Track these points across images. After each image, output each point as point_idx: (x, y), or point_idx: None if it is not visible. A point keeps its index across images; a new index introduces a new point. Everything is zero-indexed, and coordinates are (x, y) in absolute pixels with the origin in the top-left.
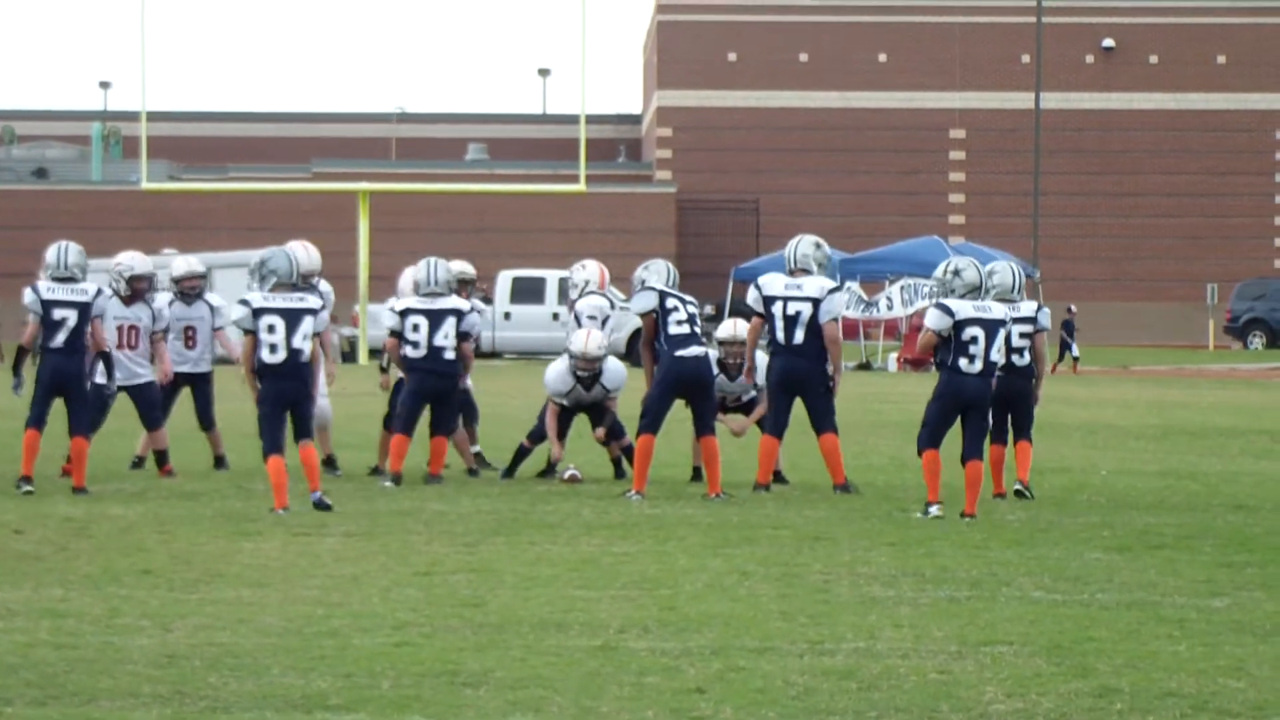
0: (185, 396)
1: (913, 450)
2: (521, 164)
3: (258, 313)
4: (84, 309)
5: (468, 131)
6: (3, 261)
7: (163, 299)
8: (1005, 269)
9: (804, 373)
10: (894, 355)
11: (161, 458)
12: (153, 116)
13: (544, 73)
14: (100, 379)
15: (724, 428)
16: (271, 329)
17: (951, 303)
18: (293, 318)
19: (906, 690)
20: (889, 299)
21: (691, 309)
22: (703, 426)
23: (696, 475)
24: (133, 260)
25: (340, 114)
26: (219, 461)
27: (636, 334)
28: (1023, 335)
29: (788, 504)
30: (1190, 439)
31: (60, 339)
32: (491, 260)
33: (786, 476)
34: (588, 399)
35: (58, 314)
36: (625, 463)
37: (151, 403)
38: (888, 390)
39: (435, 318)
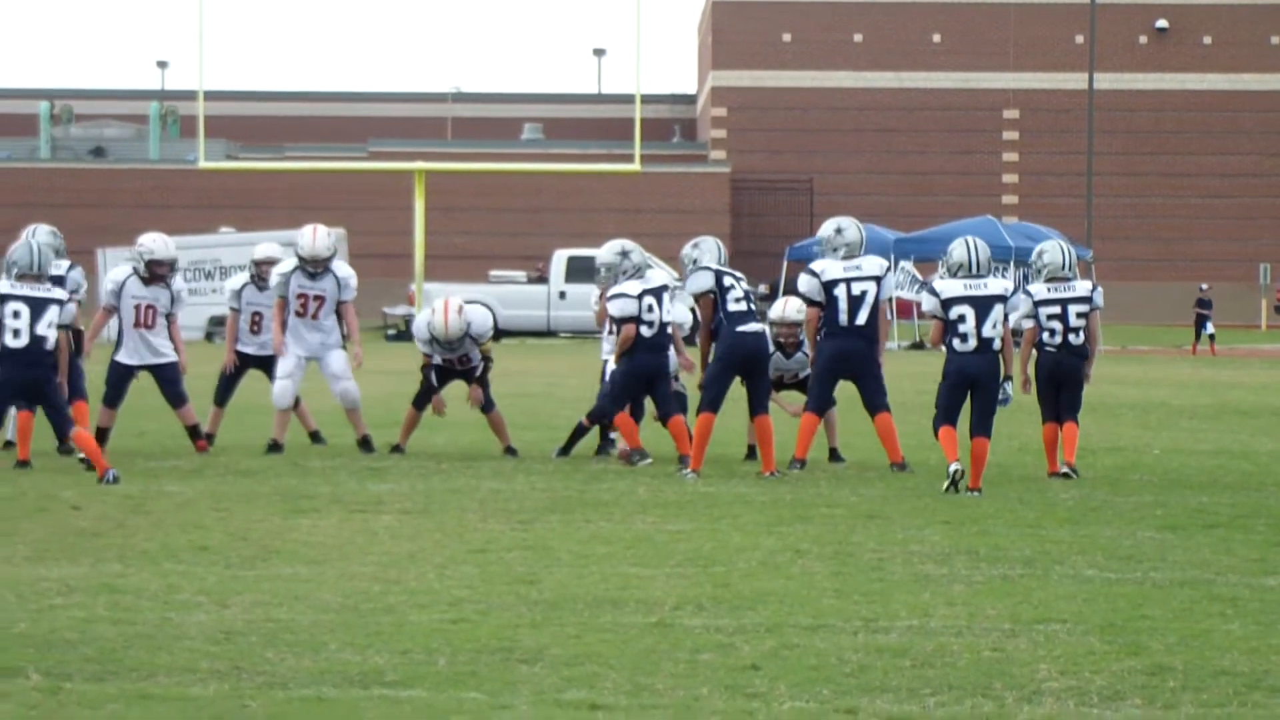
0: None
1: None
2: (576, 144)
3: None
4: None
5: (523, 111)
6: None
7: (238, 280)
8: (1054, 248)
9: (862, 354)
10: None
11: (194, 432)
12: (210, 96)
13: (599, 53)
14: None
15: (777, 407)
16: (17, 314)
17: (939, 283)
18: (38, 306)
19: (960, 668)
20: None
21: (745, 285)
22: (757, 405)
23: (751, 454)
24: (153, 244)
25: (396, 94)
26: (314, 437)
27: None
28: (1079, 315)
29: (842, 482)
30: (1243, 418)
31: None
32: (546, 240)
33: (842, 455)
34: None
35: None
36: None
37: (171, 380)
38: (939, 370)
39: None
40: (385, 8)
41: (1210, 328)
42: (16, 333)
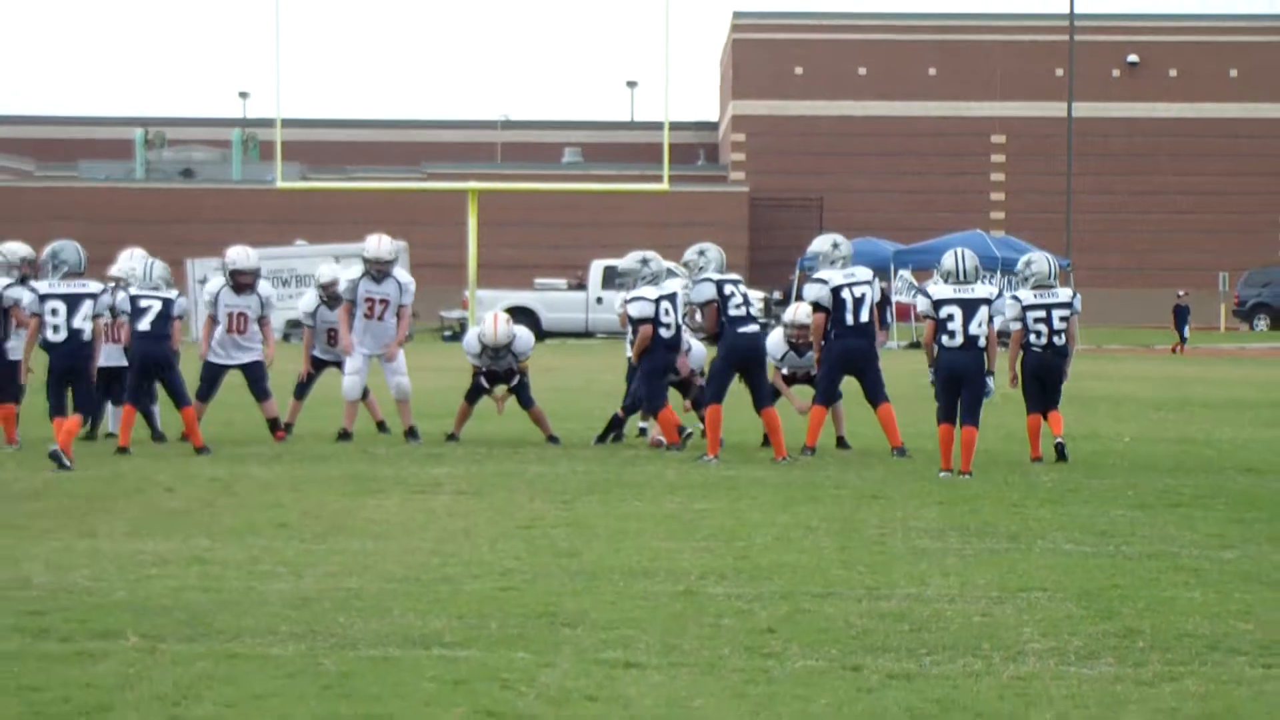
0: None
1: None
2: (611, 165)
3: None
4: (166, 303)
5: (564, 137)
6: (152, 251)
7: (310, 300)
8: (1041, 259)
9: (865, 351)
10: None
11: (274, 424)
12: (286, 123)
13: (632, 84)
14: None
15: (788, 403)
16: (55, 312)
17: (931, 287)
18: (73, 302)
19: (953, 631)
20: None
21: (744, 289)
22: (760, 400)
23: (766, 441)
24: (237, 256)
25: (451, 121)
26: (380, 426)
27: None
28: (1062, 318)
29: (848, 466)
30: (1205, 410)
31: (144, 325)
32: (584, 251)
33: (849, 443)
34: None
35: (142, 303)
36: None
37: (257, 377)
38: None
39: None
40: (441, 44)
41: (1185, 331)
42: (56, 328)
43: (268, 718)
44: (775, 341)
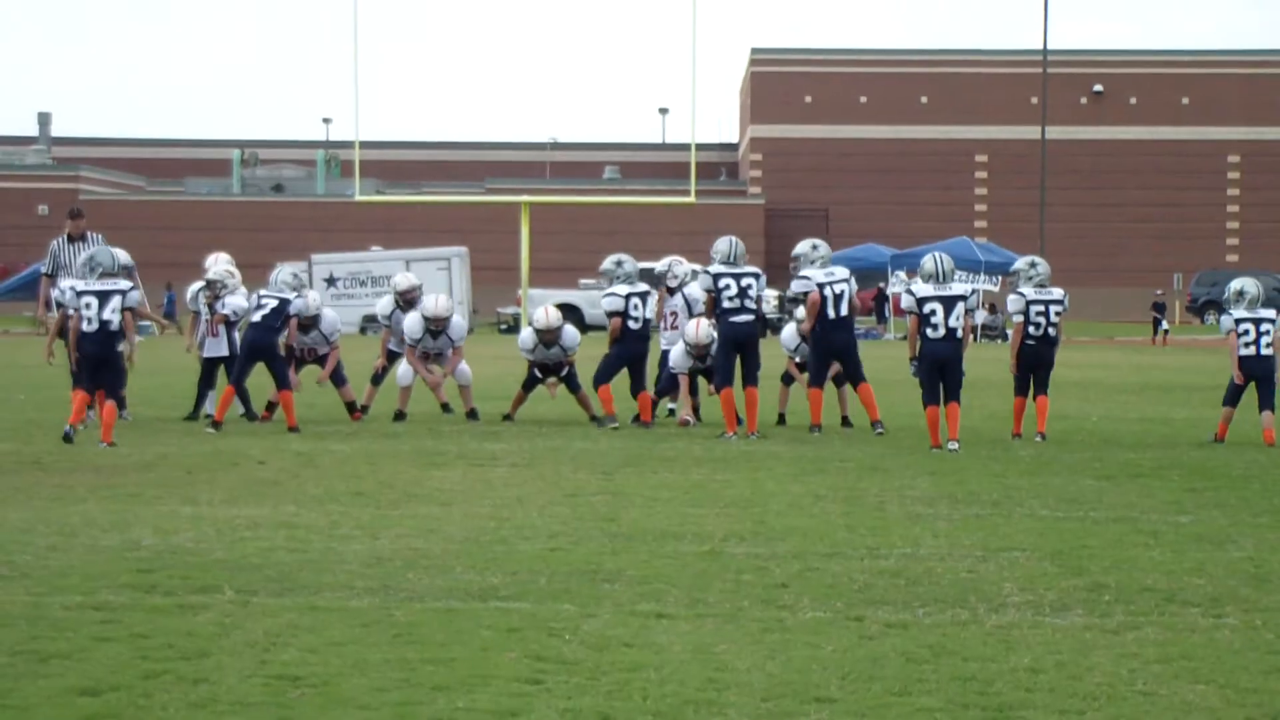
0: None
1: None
2: (645, 181)
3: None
4: (283, 302)
5: (604, 156)
6: (248, 256)
7: (387, 304)
8: (1044, 264)
9: (845, 339)
10: None
11: (350, 406)
12: (363, 145)
13: (663, 111)
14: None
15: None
16: (89, 306)
17: (916, 286)
18: (104, 297)
19: (943, 585)
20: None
21: (746, 282)
22: (748, 378)
23: (781, 420)
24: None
25: (507, 142)
26: (444, 408)
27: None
28: (1057, 314)
29: (851, 443)
30: (1161, 392)
31: (258, 317)
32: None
33: (851, 421)
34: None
35: (264, 301)
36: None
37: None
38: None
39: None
40: (499, 74)
41: (1165, 325)
42: (89, 320)
43: (345, 662)
44: (789, 334)
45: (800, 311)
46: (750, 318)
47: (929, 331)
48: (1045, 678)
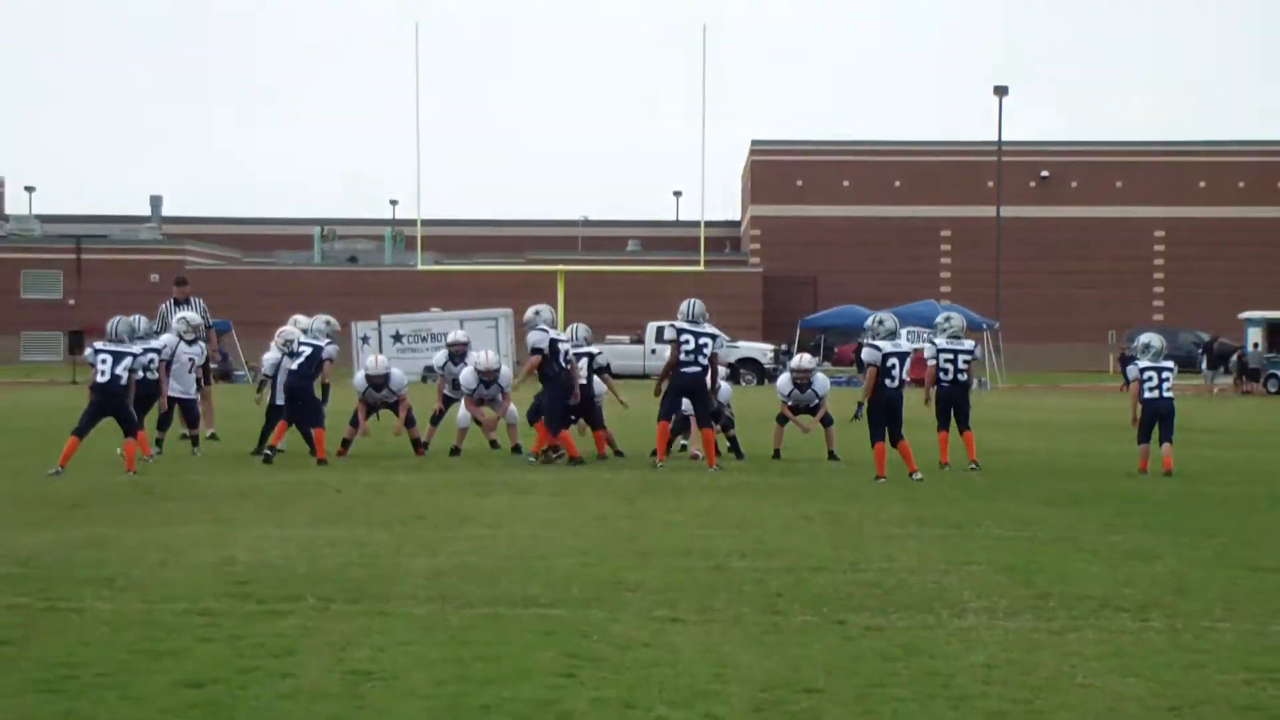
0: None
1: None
2: (662, 253)
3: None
4: (316, 349)
5: (628, 232)
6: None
7: (442, 356)
8: (959, 318)
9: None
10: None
11: (415, 443)
12: (424, 223)
13: (677, 193)
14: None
15: (795, 425)
16: (104, 361)
17: (879, 343)
18: (118, 357)
19: (913, 594)
20: (912, 341)
21: (703, 340)
22: (700, 420)
23: (776, 455)
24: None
25: (545, 220)
26: (492, 444)
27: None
28: (965, 362)
29: (835, 474)
30: (1098, 431)
31: (295, 365)
32: (642, 316)
33: (838, 456)
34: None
35: (300, 349)
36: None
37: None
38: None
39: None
40: (539, 163)
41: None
42: (103, 373)
43: (409, 658)
44: (783, 381)
45: (793, 361)
46: (699, 370)
47: (888, 382)
48: (999, 672)
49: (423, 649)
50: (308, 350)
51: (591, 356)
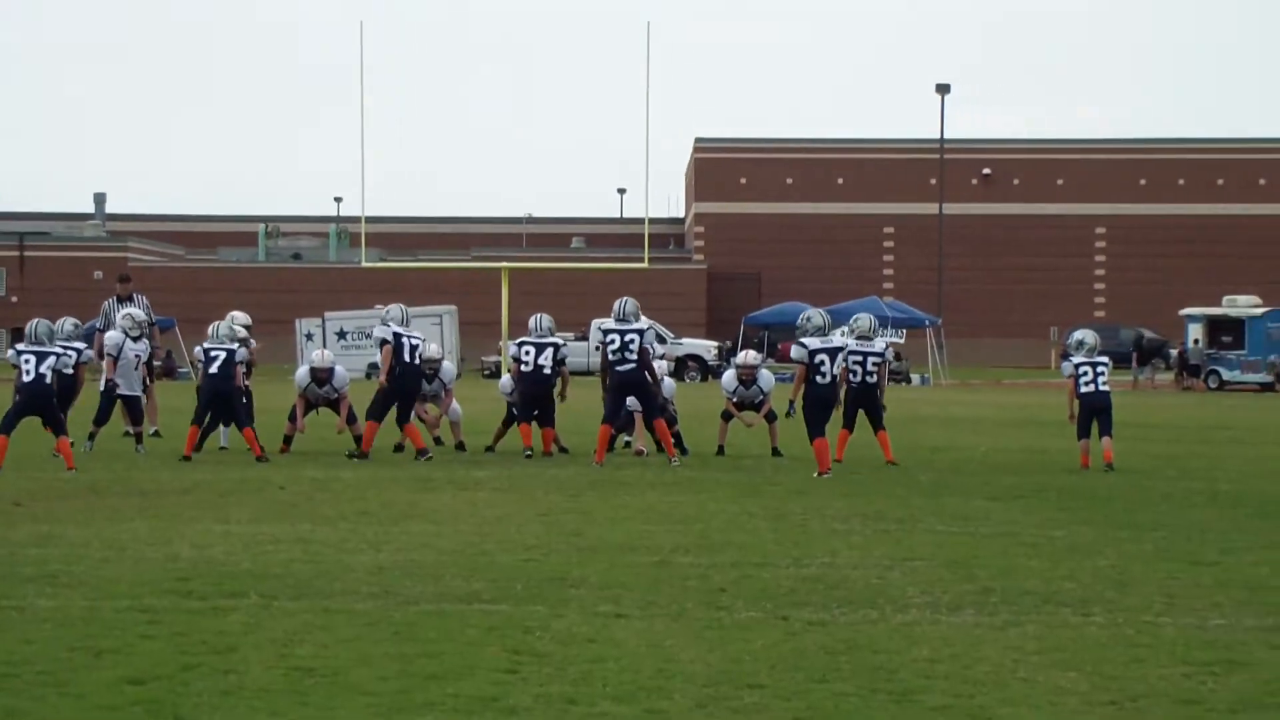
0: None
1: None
2: (606, 250)
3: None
4: (230, 353)
5: (572, 229)
6: (271, 314)
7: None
8: (865, 318)
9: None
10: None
11: (358, 441)
12: (369, 220)
13: (621, 191)
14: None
15: (739, 421)
16: (27, 361)
17: (806, 340)
18: (41, 357)
19: (856, 589)
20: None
21: (629, 337)
22: (648, 415)
23: (720, 451)
24: (428, 351)
25: (490, 217)
26: (459, 446)
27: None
28: (874, 364)
29: (779, 470)
30: (1040, 427)
31: (214, 369)
32: (586, 312)
33: (781, 452)
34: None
35: (213, 354)
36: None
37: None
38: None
39: (539, 348)
40: (483, 160)
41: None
42: (27, 373)
43: (352, 655)
44: (728, 378)
45: (738, 358)
46: (632, 366)
47: (818, 379)
48: (942, 666)
49: (366, 645)
50: (222, 354)
51: (556, 347)
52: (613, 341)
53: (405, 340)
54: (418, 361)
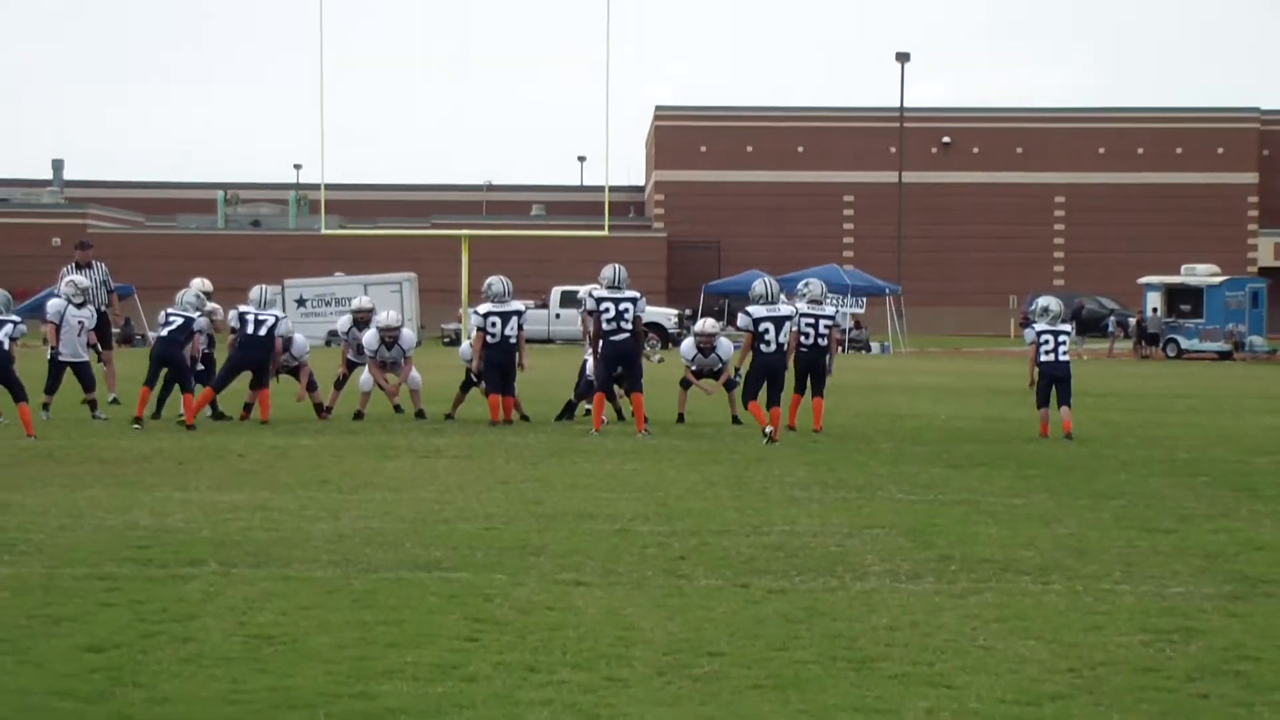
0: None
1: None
2: (566, 218)
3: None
4: (187, 320)
5: (532, 197)
6: (231, 281)
7: (346, 321)
8: (817, 284)
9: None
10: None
11: (318, 408)
12: (328, 187)
13: (582, 159)
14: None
15: (698, 389)
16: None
17: (751, 309)
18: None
19: (816, 557)
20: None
21: (624, 305)
22: (630, 386)
23: (680, 419)
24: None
25: (450, 184)
26: (396, 409)
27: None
28: (826, 327)
29: (739, 437)
30: (999, 395)
31: (164, 333)
32: (546, 280)
33: (741, 420)
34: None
35: (171, 319)
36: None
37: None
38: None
39: (505, 317)
40: (443, 127)
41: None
42: None
43: (311, 623)
44: (687, 346)
45: (697, 326)
46: (626, 335)
47: (762, 347)
48: (901, 635)
49: (325, 613)
50: (179, 320)
51: (519, 313)
52: (607, 310)
53: (250, 317)
54: (261, 333)
